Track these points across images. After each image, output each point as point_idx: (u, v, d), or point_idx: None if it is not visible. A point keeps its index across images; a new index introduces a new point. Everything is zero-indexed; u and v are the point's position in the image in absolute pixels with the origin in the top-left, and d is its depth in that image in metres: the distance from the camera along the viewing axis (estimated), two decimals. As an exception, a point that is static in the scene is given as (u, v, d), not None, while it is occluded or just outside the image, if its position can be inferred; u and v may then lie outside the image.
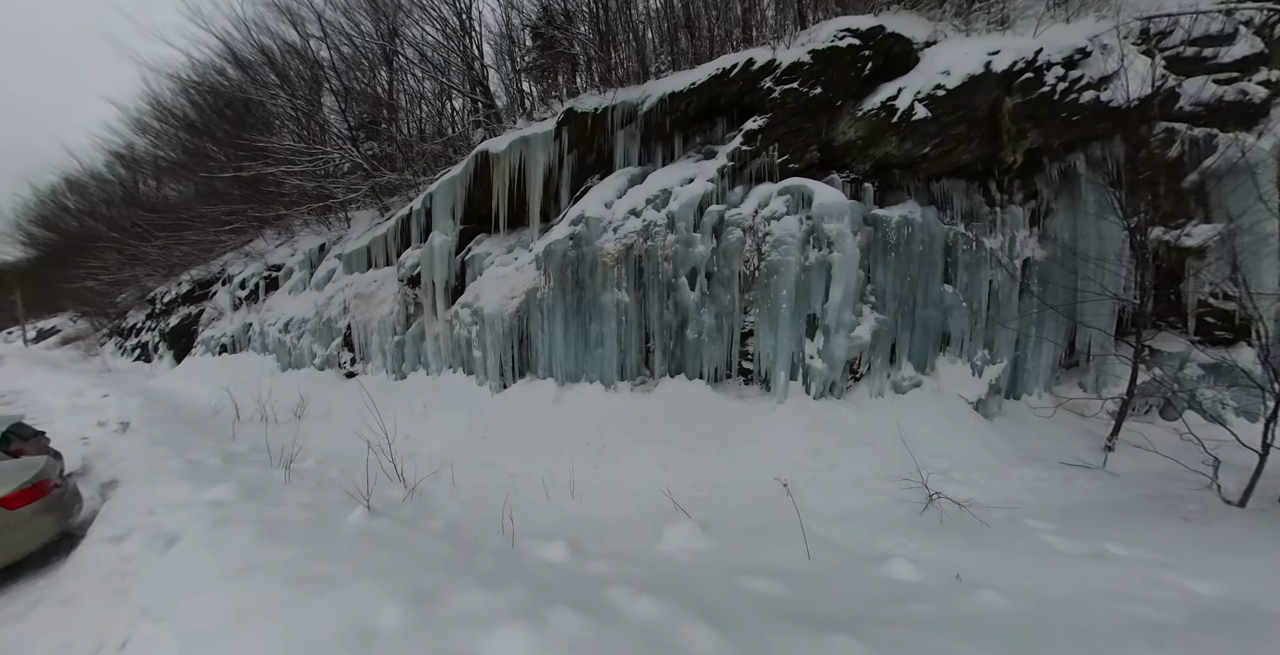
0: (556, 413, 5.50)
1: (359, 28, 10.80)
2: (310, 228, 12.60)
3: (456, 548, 3.04)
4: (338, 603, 2.12)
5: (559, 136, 6.62)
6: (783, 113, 5.41)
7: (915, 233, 5.26)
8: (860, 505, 3.92)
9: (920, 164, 5.56)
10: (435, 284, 7.51)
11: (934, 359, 5.53)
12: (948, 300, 5.47)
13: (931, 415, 4.99)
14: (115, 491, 4.73)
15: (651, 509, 3.81)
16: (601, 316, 5.58)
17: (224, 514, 3.33)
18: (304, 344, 10.46)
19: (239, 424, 6.96)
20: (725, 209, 5.28)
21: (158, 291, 18.37)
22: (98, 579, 3.07)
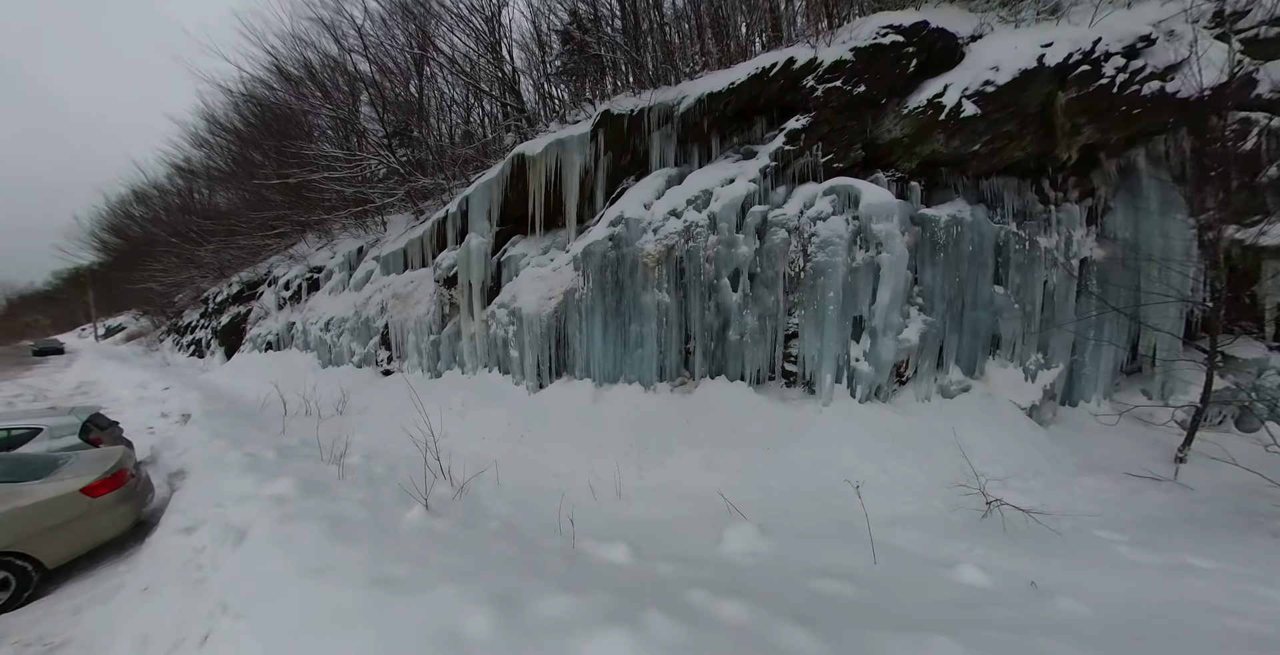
0: (595, 413, 5.34)
1: (394, 38, 10.89)
2: (349, 231, 12.78)
3: (521, 549, 2.92)
4: (422, 607, 2.04)
5: (595, 138, 6.46)
6: (826, 111, 5.13)
7: (964, 232, 4.93)
8: (916, 510, 3.74)
9: (969, 162, 5.19)
10: (472, 285, 7.45)
11: (983, 363, 5.17)
12: (998, 302, 5.10)
13: (982, 421, 4.68)
14: (183, 482, 4.81)
15: (705, 511, 3.68)
16: (641, 317, 5.39)
17: (288, 509, 3.29)
18: (343, 342, 10.61)
19: (287, 418, 7.02)
20: (769, 209, 5.03)
21: (210, 292, 19.01)
22: (173, 569, 3.06)
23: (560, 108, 9.34)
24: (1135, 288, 4.81)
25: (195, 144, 19.62)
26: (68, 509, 3.48)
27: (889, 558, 2.98)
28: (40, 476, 3.63)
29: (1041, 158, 5.21)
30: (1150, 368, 5.18)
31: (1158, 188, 4.87)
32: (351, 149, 11.33)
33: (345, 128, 12.23)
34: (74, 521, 3.50)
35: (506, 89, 9.75)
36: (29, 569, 3.27)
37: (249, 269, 16.56)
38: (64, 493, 3.50)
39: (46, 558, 3.35)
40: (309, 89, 12.46)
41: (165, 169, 22.79)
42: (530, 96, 10.11)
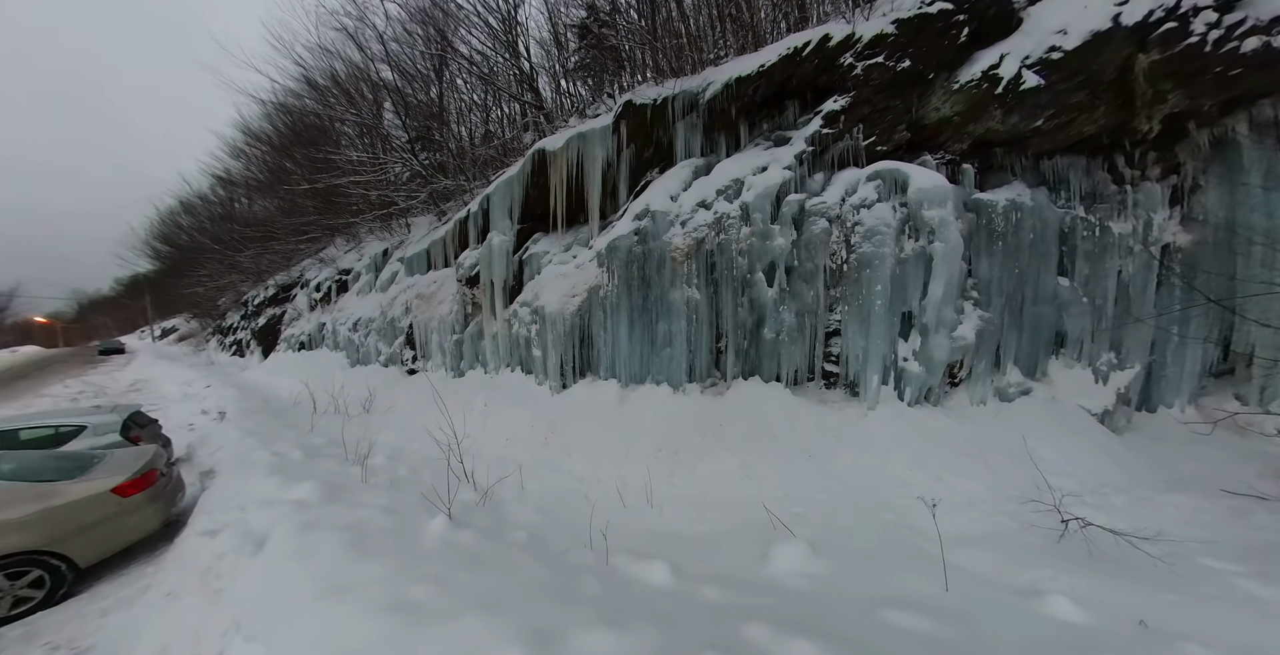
0: (621, 415, 4.98)
1: (415, 44, 10.73)
2: (375, 234, 12.77)
3: (551, 567, 2.59)
4: (448, 642, 1.76)
5: (616, 130, 6.07)
6: (866, 90, 4.59)
7: (1024, 218, 4.33)
8: (982, 529, 3.25)
9: (1029, 140, 4.56)
10: (494, 283, 7.19)
11: (1046, 363, 4.57)
12: (1063, 295, 4.47)
13: (1047, 428, 4.11)
14: (213, 481, 4.69)
15: (746, 524, 3.29)
16: (669, 315, 4.99)
17: (309, 516, 3.05)
18: (370, 342, 10.56)
19: (316, 416, 6.92)
20: (806, 198, 4.54)
21: (249, 295, 19.50)
22: (195, 574, 2.87)
23: (579, 103, 8.99)
24: (1231, 276, 4.12)
25: (233, 155, 20.18)
26: (99, 508, 3.38)
27: (962, 584, 2.55)
28: (74, 476, 3.54)
29: (1116, 131, 4.51)
30: (1246, 368, 4.46)
31: (1262, 159, 4.14)
32: (376, 154, 11.25)
33: (370, 133, 12.20)
34: (105, 521, 3.41)
35: (525, 87, 9.46)
36: (63, 568, 3.17)
37: (283, 272, 16.86)
38: (96, 492, 3.41)
39: (79, 557, 3.26)
40: (335, 97, 12.47)
41: (208, 180, 23.58)
42: (548, 94, 9.80)
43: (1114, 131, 4.52)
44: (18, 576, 3.02)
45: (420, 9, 9.98)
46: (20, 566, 3.02)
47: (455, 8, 9.39)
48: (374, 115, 11.85)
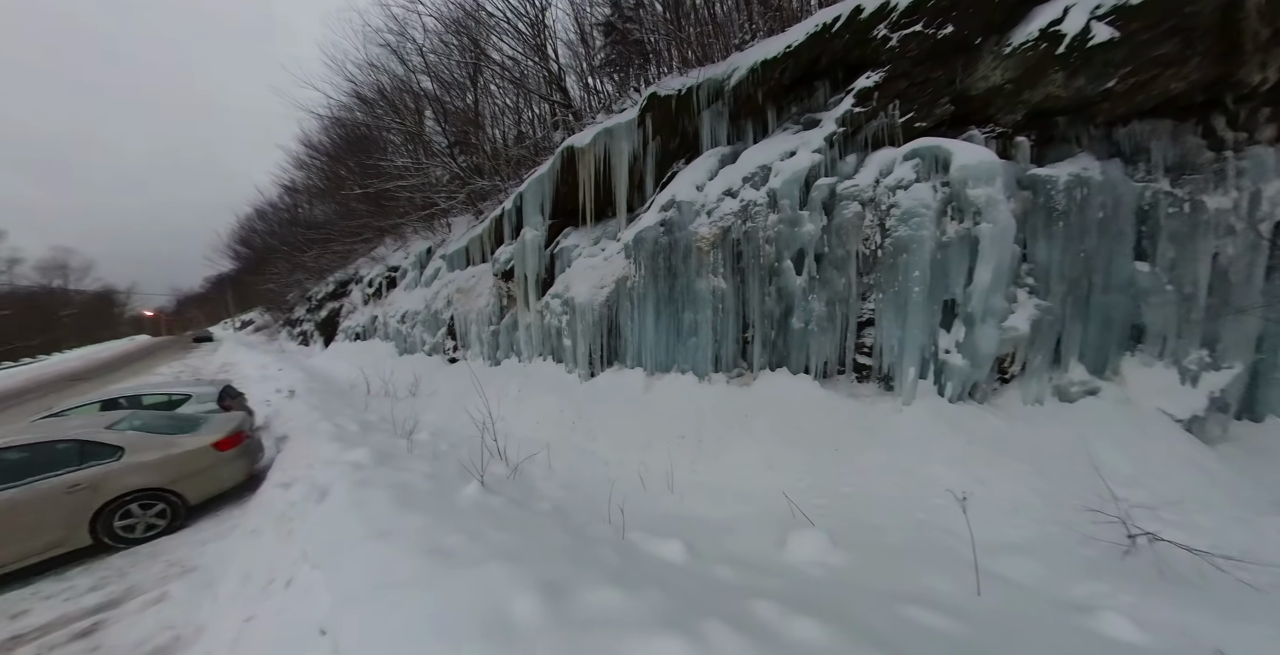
0: (647, 403, 4.98)
1: (451, 54, 11.05)
2: (419, 234, 13.39)
3: (570, 535, 2.69)
4: (472, 583, 1.91)
5: (642, 123, 5.98)
6: (903, 63, 4.20)
7: (1092, 195, 3.80)
8: (1027, 536, 2.93)
9: (1099, 105, 3.94)
10: (527, 277, 7.36)
11: (1118, 360, 3.96)
12: (1142, 282, 3.86)
13: (1117, 433, 3.61)
14: (286, 445, 5.26)
15: (766, 513, 3.19)
16: (695, 304, 4.91)
17: (363, 475, 3.35)
18: (416, 332, 11.14)
19: (369, 398, 7.52)
20: (837, 181, 4.29)
21: (313, 291, 21.09)
22: (273, 517, 3.32)
23: (606, 100, 8.94)
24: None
25: (297, 166, 21.73)
26: (203, 459, 4.03)
27: (998, 590, 2.33)
28: (186, 432, 4.21)
29: (1215, 87, 3.75)
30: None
31: None
32: (419, 159, 11.76)
33: (413, 140, 12.74)
34: (207, 469, 4.04)
35: (554, 87, 9.52)
36: (179, 503, 3.80)
37: (341, 270, 18.09)
38: (201, 446, 4.05)
39: (190, 496, 3.88)
40: (382, 108, 13.11)
41: (277, 189, 25.59)
42: (576, 92, 9.81)
43: (1212, 87, 3.76)
44: (148, 507, 3.69)
45: (455, 20, 10.24)
46: (149, 499, 3.69)
47: (486, 15, 9.56)
48: (416, 123, 12.35)
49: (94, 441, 3.64)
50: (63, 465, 3.45)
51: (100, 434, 3.74)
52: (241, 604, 2.50)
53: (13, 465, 3.32)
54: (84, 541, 3.43)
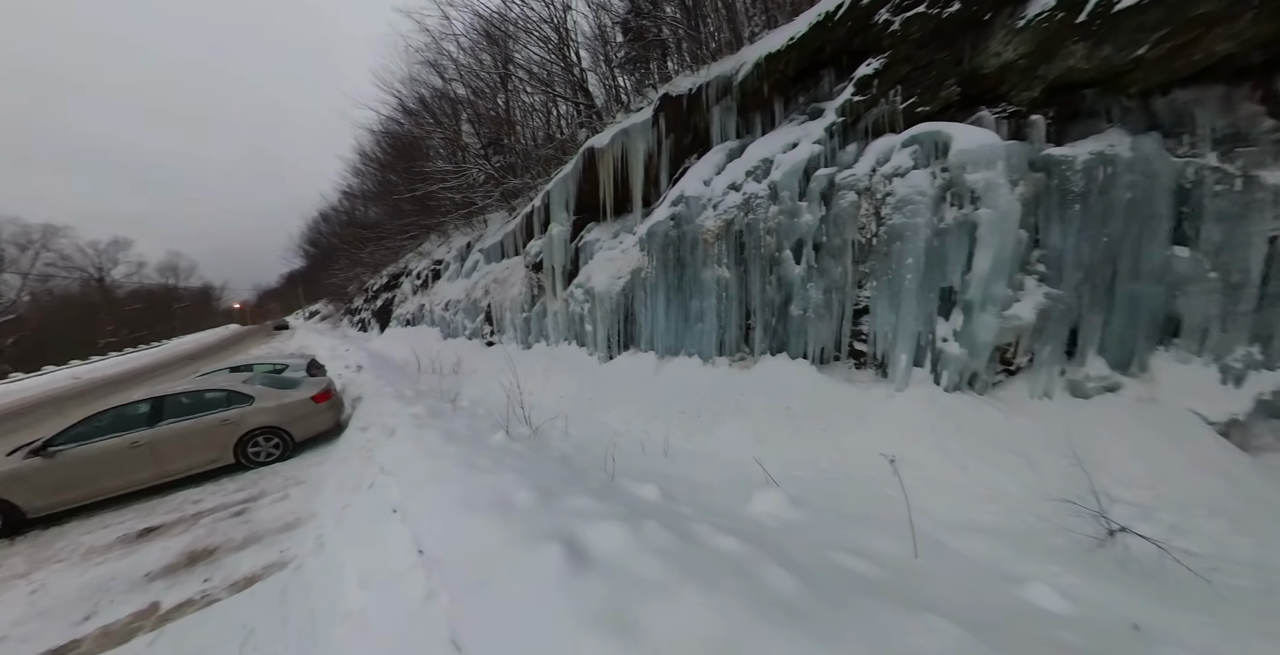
0: (656, 382, 5.40)
1: (481, 62, 11.70)
2: (460, 230, 14.42)
3: (570, 471, 3.33)
4: (490, 483, 2.69)
5: (656, 123, 6.24)
6: (905, 47, 4.11)
7: (1119, 174, 3.52)
8: (997, 522, 2.92)
9: (1130, 74, 3.60)
10: (554, 268, 7.93)
11: (1146, 355, 3.60)
12: (1179, 268, 3.46)
13: (1133, 433, 3.30)
14: (360, 404, 6.45)
15: (745, 477, 3.45)
16: (702, 293, 5.21)
17: (420, 422, 4.35)
18: (458, 319, 12.18)
19: (420, 374, 8.59)
20: (836, 171, 4.38)
21: (369, 283, 23.18)
22: (356, 448, 4.39)
23: (626, 98, 9.20)
24: None
25: (354, 174, 23.83)
26: (304, 408, 5.16)
27: (939, 558, 2.40)
28: (291, 388, 5.33)
29: (1274, 44, 3.26)
30: None
31: None
32: (457, 162, 12.64)
33: (452, 145, 13.66)
34: (307, 416, 5.17)
35: (577, 89, 9.88)
36: (289, 439, 4.95)
37: (393, 264, 19.78)
38: (302, 398, 5.19)
39: (296, 434, 5.02)
40: (424, 118, 14.15)
41: (337, 195, 28.15)
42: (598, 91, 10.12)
43: (1269, 45, 3.25)
44: (268, 440, 4.86)
45: (484, 31, 10.80)
46: (270, 434, 4.86)
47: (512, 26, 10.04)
48: (454, 128, 13.22)
49: (237, 391, 4.89)
50: (218, 407, 4.71)
51: (240, 386, 4.99)
52: (339, 499, 3.47)
53: (187, 405, 4.64)
54: (229, 460, 4.67)
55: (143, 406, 4.46)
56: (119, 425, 4.25)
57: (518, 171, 11.27)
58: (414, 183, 13.56)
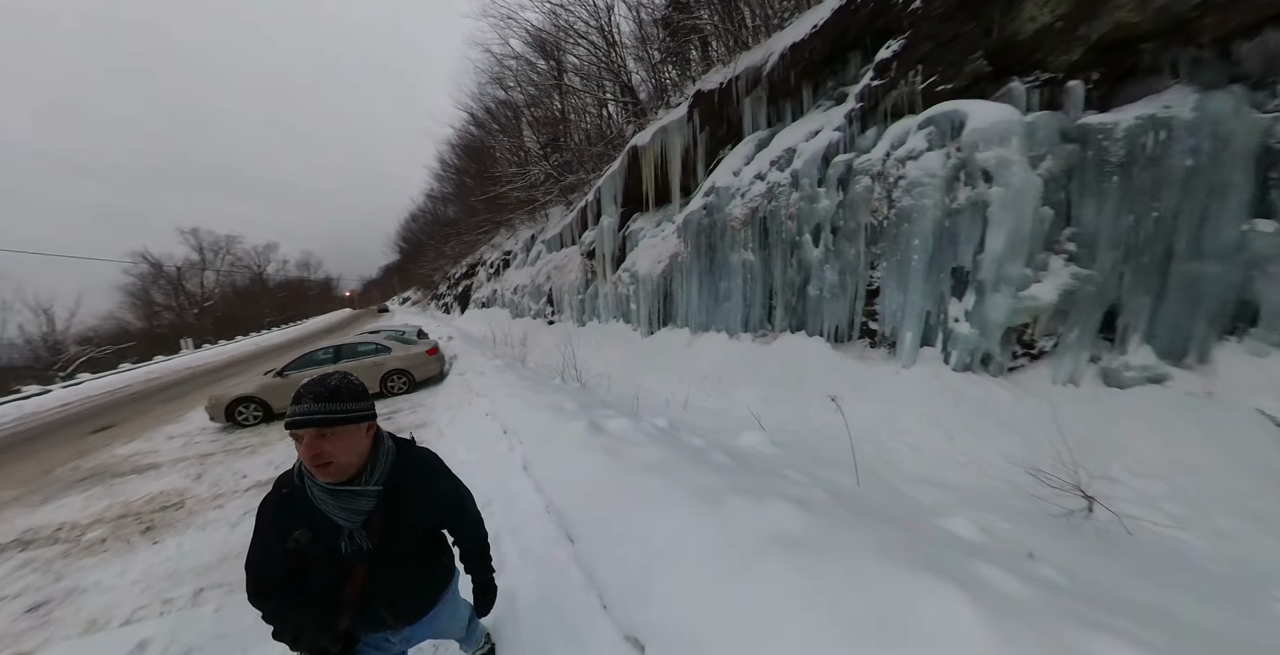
0: (688, 354, 6.22)
1: (537, 70, 12.90)
2: (525, 224, 16.19)
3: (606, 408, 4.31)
4: (548, 399, 4.08)
5: (691, 118, 6.79)
6: (927, 24, 4.12)
7: (1176, 139, 3.16)
8: (965, 482, 2.99)
9: (1195, 22, 3.20)
10: (604, 255, 8.99)
11: (1208, 344, 3.18)
12: (1259, 245, 2.95)
13: (1170, 426, 3.01)
14: (455, 360, 8.46)
15: (742, 427, 3.96)
16: (730, 275, 5.85)
17: (500, 369, 6.18)
18: (524, 301, 13.98)
19: (494, 345, 10.50)
20: (855, 157, 4.66)
21: (451, 272, 26.72)
22: (457, 385, 6.23)
23: (666, 93, 9.69)
24: None
25: (436, 180, 27.48)
26: (421, 358, 7.19)
27: (883, 492, 2.62)
28: (412, 345, 7.35)
29: None
30: None
31: None
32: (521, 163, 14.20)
33: (515, 148, 15.30)
34: (423, 364, 7.18)
35: (623, 88, 10.58)
36: (412, 378, 7.01)
37: (470, 256, 22.62)
38: (420, 351, 7.23)
39: (416, 376, 7.08)
40: (491, 126, 16.00)
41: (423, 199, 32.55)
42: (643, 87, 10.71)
43: None
44: (400, 378, 6.93)
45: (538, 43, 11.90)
46: (400, 374, 6.93)
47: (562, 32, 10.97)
48: (516, 133, 14.78)
49: (381, 344, 7.06)
50: (370, 353, 6.93)
51: (383, 341, 7.18)
52: (450, 412, 5.24)
53: (354, 351, 6.93)
54: (376, 390, 6.78)
55: (329, 351, 6.85)
56: (317, 361, 6.64)
57: (574, 168, 12.42)
58: (485, 185, 15.56)
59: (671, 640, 1.24)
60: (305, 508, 1.00)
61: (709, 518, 1.65)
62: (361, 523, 1.02)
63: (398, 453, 1.09)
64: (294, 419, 0.92)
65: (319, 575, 1.03)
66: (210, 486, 4.07)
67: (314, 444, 0.92)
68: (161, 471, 4.67)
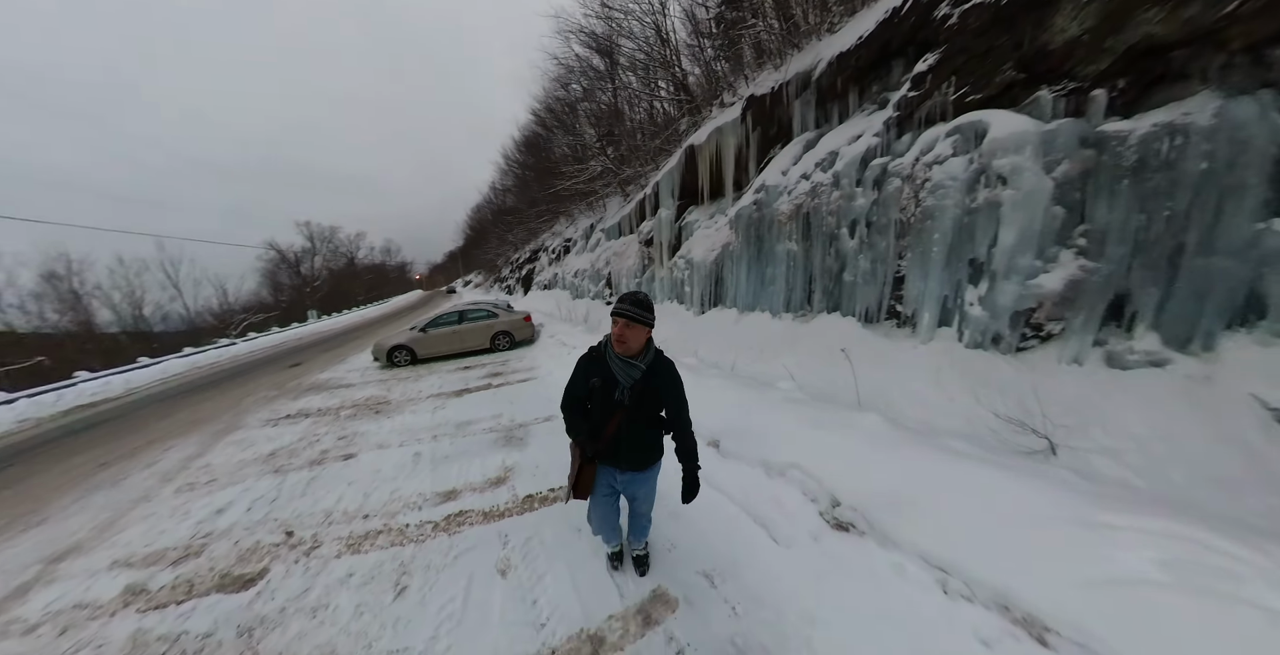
0: (735, 330, 7.43)
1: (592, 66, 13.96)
2: (584, 213, 17.79)
3: None
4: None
5: (744, 120, 7.64)
6: (963, 38, 4.64)
7: (1192, 144, 3.51)
8: (951, 425, 3.62)
9: (1225, 32, 3.44)
10: (662, 243, 10.25)
11: (1214, 334, 3.46)
12: (1270, 243, 3.27)
13: (1160, 403, 3.30)
14: (541, 328, 10.60)
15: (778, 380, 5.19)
16: (775, 262, 6.88)
17: (584, 332, 7.91)
18: (584, 284, 15.72)
19: (558, 321, 12.38)
20: (889, 160, 5.39)
21: (514, 257, 29.54)
22: (549, 345, 8.14)
23: (719, 86, 10.38)
24: None
25: (501, 174, 30.09)
26: (519, 323, 9.77)
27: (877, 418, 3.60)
28: (512, 313, 9.37)
29: None
30: None
31: None
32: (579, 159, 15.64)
33: (575, 145, 16.74)
34: (520, 327, 9.69)
35: (676, 85, 11.38)
36: (513, 338, 9.60)
37: (533, 242, 24.94)
38: (520, 318, 9.28)
39: (517, 337, 9.66)
40: (553, 125, 17.56)
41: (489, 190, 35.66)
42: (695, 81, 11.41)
43: None
44: (505, 337, 9.51)
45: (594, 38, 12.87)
46: (504, 335, 9.50)
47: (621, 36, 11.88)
48: (574, 129, 16.16)
49: (492, 310, 9.53)
50: (483, 317, 9.36)
51: (491, 308, 9.62)
52: (553, 361, 6.93)
53: (472, 315, 9.38)
54: (486, 346, 9.21)
55: (454, 315, 9.18)
56: (447, 321, 9.05)
57: (629, 162, 13.58)
58: (546, 178, 17.31)
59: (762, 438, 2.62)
60: (602, 365, 1.65)
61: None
62: (630, 385, 1.61)
63: (658, 354, 1.68)
64: (620, 309, 1.51)
65: (597, 408, 1.67)
66: (400, 395, 6.25)
67: (622, 330, 1.52)
68: (361, 387, 7.07)
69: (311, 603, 2.15)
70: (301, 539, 2.73)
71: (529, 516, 2.81)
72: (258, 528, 2.89)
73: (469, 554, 2.47)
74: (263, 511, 3.10)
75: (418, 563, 2.43)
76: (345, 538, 2.70)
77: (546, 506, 2.93)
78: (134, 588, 2.38)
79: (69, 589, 2.40)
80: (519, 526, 2.70)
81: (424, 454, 3.99)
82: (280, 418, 5.66)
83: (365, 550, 2.56)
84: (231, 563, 2.54)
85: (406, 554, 2.52)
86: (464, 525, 2.77)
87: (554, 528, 2.66)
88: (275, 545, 2.68)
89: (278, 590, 2.27)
